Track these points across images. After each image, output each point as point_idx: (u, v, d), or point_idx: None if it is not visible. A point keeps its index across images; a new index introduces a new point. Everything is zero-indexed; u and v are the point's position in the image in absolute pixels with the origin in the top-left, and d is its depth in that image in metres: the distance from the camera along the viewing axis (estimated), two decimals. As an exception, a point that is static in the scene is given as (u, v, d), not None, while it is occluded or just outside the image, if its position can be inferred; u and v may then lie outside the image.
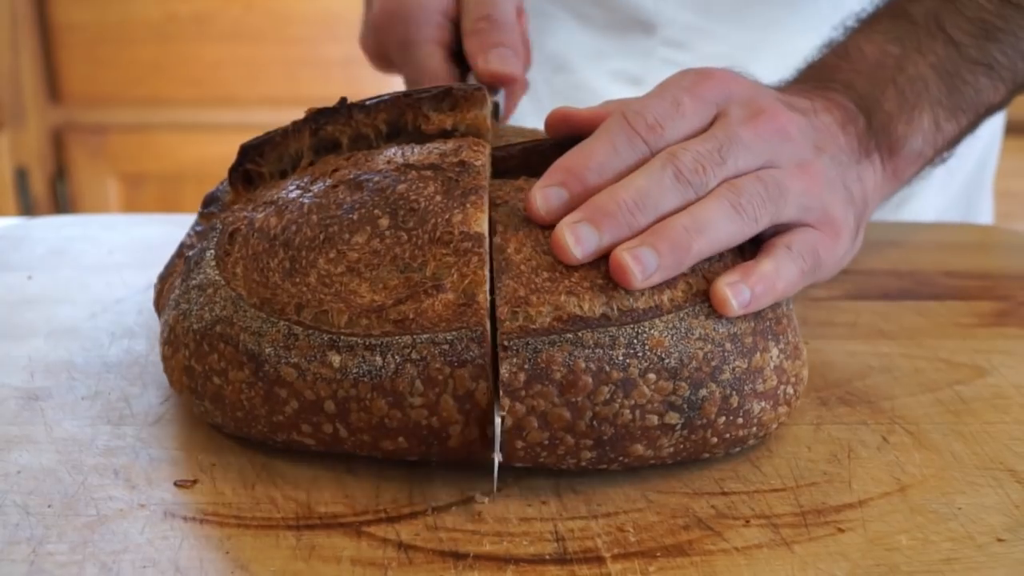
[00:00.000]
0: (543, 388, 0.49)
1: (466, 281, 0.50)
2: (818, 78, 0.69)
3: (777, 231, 0.58)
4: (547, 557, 0.48)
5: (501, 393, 0.49)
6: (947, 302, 0.77)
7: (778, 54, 0.79)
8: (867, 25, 0.72)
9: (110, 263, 0.81)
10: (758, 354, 0.53)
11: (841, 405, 0.61)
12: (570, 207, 0.54)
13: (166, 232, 0.87)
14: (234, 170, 0.62)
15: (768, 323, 0.54)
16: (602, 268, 0.52)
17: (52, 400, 0.60)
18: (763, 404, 0.53)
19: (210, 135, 2.33)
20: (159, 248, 0.82)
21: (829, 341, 0.69)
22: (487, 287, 0.51)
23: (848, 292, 0.78)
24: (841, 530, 0.50)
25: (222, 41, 2.30)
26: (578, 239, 0.52)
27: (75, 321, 0.71)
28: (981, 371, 0.66)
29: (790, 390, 0.55)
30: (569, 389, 0.50)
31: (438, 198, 0.53)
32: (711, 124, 0.59)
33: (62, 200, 2.38)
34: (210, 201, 0.64)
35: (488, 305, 0.50)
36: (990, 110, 0.73)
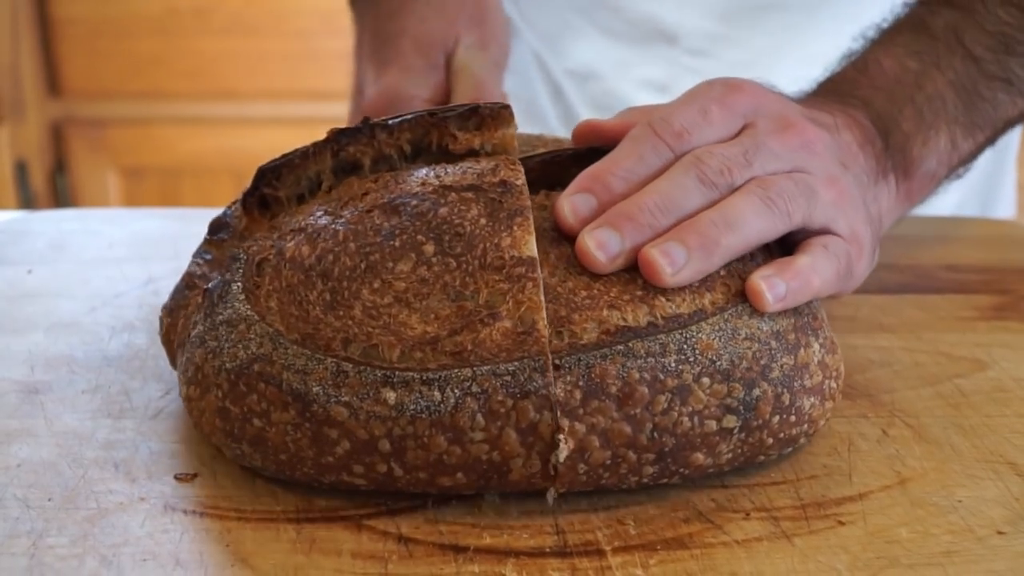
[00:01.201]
0: (601, 404, 0.48)
1: (522, 308, 0.49)
2: (838, 92, 0.68)
3: (809, 234, 0.58)
4: (547, 550, 0.48)
5: (559, 413, 0.48)
6: (947, 295, 0.77)
7: (799, 58, 0.78)
8: (886, 37, 0.71)
9: (110, 257, 0.81)
10: (802, 350, 0.53)
11: (841, 398, 0.61)
12: (598, 215, 0.53)
13: (166, 226, 0.87)
14: (250, 195, 0.59)
15: (806, 319, 0.54)
16: (639, 280, 0.51)
17: (52, 394, 0.60)
18: (812, 400, 0.53)
19: (210, 129, 2.33)
20: (159, 242, 0.83)
21: (829, 334, 0.69)
22: (544, 313, 0.49)
23: (848, 285, 0.78)
24: (841, 523, 0.50)
25: (222, 35, 2.30)
26: (599, 243, 0.51)
27: (75, 315, 0.71)
28: (981, 364, 0.66)
29: (833, 384, 0.55)
30: (626, 402, 0.49)
31: (483, 221, 0.51)
32: (738, 135, 0.59)
33: (62, 194, 2.38)
34: (218, 227, 0.60)
35: (548, 331, 0.49)
36: (1008, 125, 0.73)
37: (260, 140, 2.23)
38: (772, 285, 0.52)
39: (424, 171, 0.55)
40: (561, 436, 0.48)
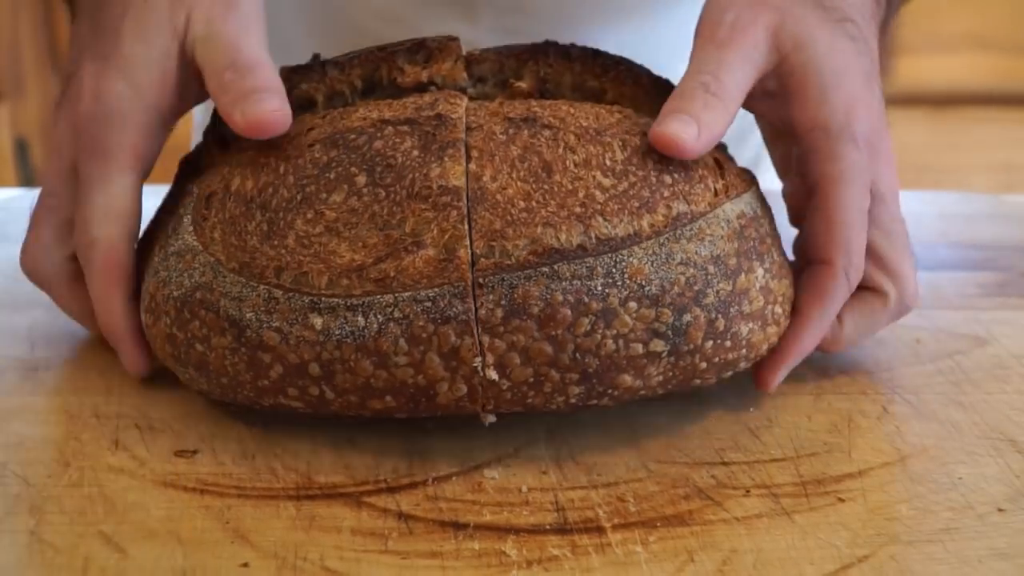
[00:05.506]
0: (521, 323, 0.49)
1: (446, 236, 0.50)
2: None
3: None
4: (547, 527, 0.48)
5: (480, 330, 0.49)
6: (948, 272, 0.77)
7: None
8: None
9: (110, 234, 0.81)
10: (743, 275, 0.52)
11: (841, 375, 0.61)
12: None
13: (166, 203, 0.87)
14: (209, 132, 0.61)
15: (752, 243, 0.53)
16: (580, 195, 0.51)
17: (53, 371, 0.60)
18: (751, 325, 0.53)
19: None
20: (159, 219, 0.82)
21: (830, 311, 0.69)
22: (467, 242, 0.50)
23: (849, 262, 0.78)
24: (841, 500, 0.50)
25: (222, 11, 2.29)
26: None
27: (75, 292, 0.70)
28: (981, 341, 0.66)
29: (778, 309, 0.55)
30: (548, 323, 0.49)
31: (415, 153, 0.52)
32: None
33: (62, 171, 2.38)
34: (187, 164, 0.63)
35: (470, 259, 0.50)
36: None
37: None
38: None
39: (368, 106, 0.57)
40: (479, 359, 0.49)
